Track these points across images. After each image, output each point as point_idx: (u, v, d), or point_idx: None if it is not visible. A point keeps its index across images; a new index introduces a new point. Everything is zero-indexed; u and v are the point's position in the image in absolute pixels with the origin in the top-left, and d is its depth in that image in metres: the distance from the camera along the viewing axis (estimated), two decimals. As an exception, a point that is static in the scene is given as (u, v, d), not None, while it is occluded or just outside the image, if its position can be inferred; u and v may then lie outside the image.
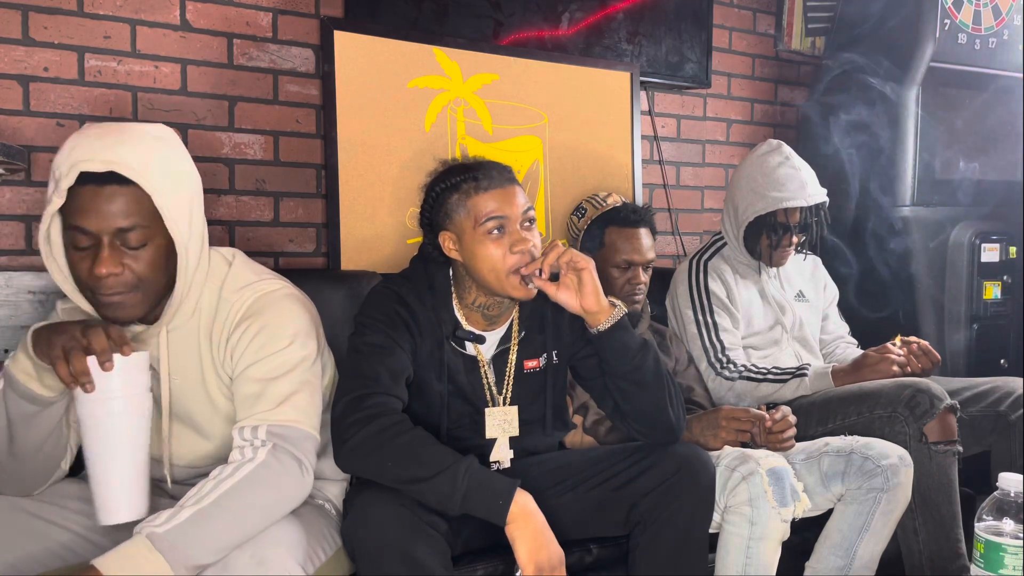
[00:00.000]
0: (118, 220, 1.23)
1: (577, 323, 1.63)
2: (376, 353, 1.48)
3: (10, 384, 1.27)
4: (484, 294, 1.56)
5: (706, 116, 2.93)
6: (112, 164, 1.21)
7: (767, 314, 2.25)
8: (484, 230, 1.49)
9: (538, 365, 1.65)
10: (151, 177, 1.24)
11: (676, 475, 1.48)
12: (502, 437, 1.62)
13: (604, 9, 2.54)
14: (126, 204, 1.23)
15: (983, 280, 2.76)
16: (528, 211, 1.52)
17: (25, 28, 1.87)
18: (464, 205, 1.51)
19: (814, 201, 2.15)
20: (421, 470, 1.34)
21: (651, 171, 2.80)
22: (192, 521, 1.16)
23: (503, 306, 1.59)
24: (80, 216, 1.22)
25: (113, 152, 1.22)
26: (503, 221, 1.49)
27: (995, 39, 2.75)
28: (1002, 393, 2.09)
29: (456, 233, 1.53)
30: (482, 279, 1.52)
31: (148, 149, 1.26)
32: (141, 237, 1.25)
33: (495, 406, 1.61)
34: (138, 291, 1.27)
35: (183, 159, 1.33)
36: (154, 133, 1.30)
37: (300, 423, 1.32)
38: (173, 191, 1.27)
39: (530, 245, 1.49)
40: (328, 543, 1.40)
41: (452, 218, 1.52)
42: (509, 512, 1.34)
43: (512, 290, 1.50)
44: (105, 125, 1.29)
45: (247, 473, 1.23)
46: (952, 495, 1.88)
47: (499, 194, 1.50)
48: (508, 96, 2.40)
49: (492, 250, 1.49)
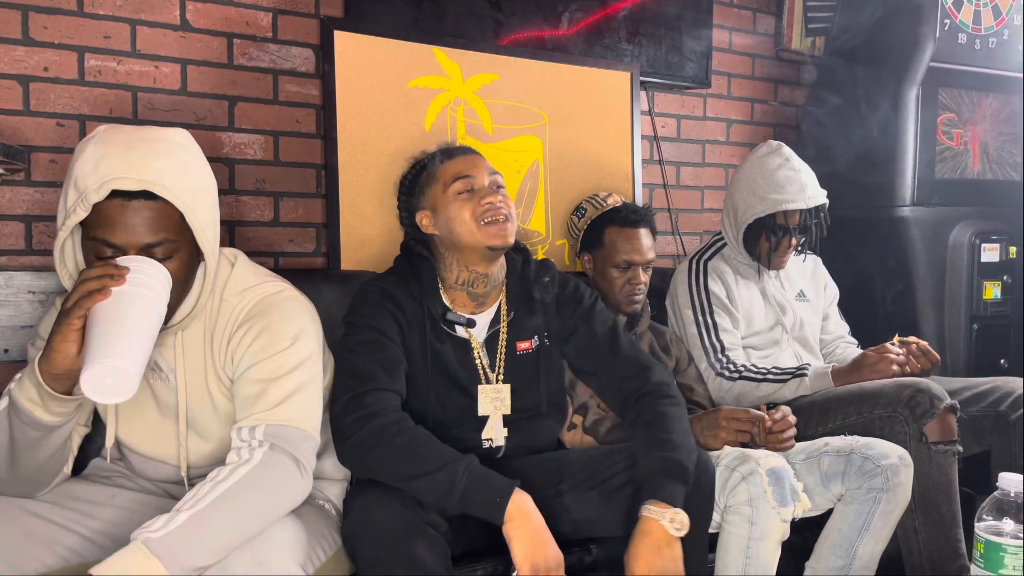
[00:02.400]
0: (146, 236, 1.22)
1: (564, 306, 1.67)
2: (368, 350, 1.49)
3: (14, 410, 1.25)
4: (466, 267, 1.59)
5: (706, 116, 2.93)
6: (147, 184, 1.19)
7: (768, 314, 2.25)
8: (453, 191, 1.57)
9: (530, 347, 1.66)
10: (184, 194, 1.23)
11: None
12: (494, 415, 1.62)
13: (604, 9, 2.54)
14: (155, 219, 1.22)
15: (983, 280, 2.76)
16: (495, 175, 1.60)
17: (25, 28, 1.86)
18: (433, 176, 1.61)
19: (814, 203, 2.15)
20: (420, 466, 1.35)
21: (651, 171, 2.80)
22: (189, 525, 1.16)
23: (488, 281, 1.61)
24: (106, 230, 1.21)
25: (148, 168, 1.20)
26: (471, 182, 1.57)
27: (995, 39, 2.75)
28: (1002, 393, 2.09)
29: (430, 208, 1.61)
30: (459, 240, 1.57)
31: (180, 163, 1.24)
32: (168, 251, 1.24)
33: (488, 383, 1.62)
34: None
35: (205, 165, 1.33)
36: (179, 141, 1.28)
37: (298, 423, 1.31)
38: (202, 204, 1.27)
39: (498, 200, 1.56)
40: (328, 543, 1.40)
41: (425, 194, 1.62)
42: (506, 511, 1.34)
43: (487, 239, 1.55)
44: (129, 131, 1.25)
45: (244, 474, 1.23)
46: (952, 495, 1.88)
47: (464, 159, 1.62)
48: (508, 96, 2.40)
49: (464, 209, 1.56)
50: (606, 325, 1.69)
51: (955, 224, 2.76)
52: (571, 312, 1.68)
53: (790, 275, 2.33)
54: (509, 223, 1.57)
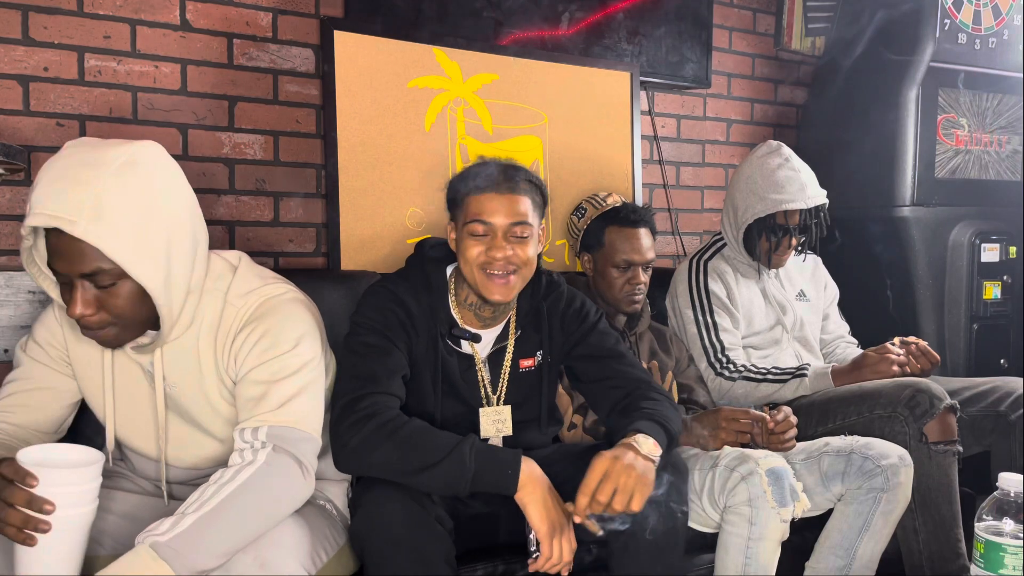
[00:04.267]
0: (81, 266, 1.19)
1: (569, 323, 1.65)
2: (372, 353, 1.48)
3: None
4: (473, 293, 1.57)
5: (706, 116, 2.93)
6: (56, 220, 1.15)
7: (768, 314, 2.25)
8: (468, 230, 1.52)
9: (533, 364, 1.66)
10: (101, 225, 1.16)
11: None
12: (495, 437, 1.63)
13: (604, 9, 2.54)
14: (86, 251, 1.18)
15: (983, 280, 2.77)
16: (518, 225, 1.51)
17: (25, 28, 1.86)
18: (462, 201, 1.54)
19: (814, 203, 2.15)
20: (428, 457, 1.35)
21: (651, 171, 2.80)
22: (195, 528, 1.16)
23: (495, 309, 1.60)
24: (51, 257, 1.22)
25: (60, 204, 1.15)
26: (487, 227, 1.51)
27: (995, 39, 2.75)
28: (1002, 393, 2.09)
29: (455, 225, 1.58)
30: (465, 272, 1.55)
31: (105, 191, 1.17)
32: (110, 278, 1.21)
33: (489, 405, 1.62)
34: (117, 325, 1.26)
35: (159, 187, 1.24)
36: (123, 161, 1.20)
37: (301, 425, 1.31)
38: (135, 234, 1.19)
39: (504, 256, 1.50)
40: (330, 544, 1.40)
41: (454, 211, 1.58)
42: (519, 481, 1.36)
43: (484, 289, 1.52)
44: (81, 153, 1.21)
45: (248, 477, 1.23)
46: (952, 495, 1.88)
47: (492, 199, 1.51)
48: (508, 96, 2.40)
49: (472, 250, 1.52)
50: (609, 341, 1.68)
51: (955, 224, 2.76)
52: (575, 328, 1.66)
53: (790, 275, 2.33)
54: (514, 277, 1.52)
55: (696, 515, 1.69)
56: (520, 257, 1.51)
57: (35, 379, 1.41)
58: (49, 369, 1.42)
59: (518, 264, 1.51)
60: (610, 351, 1.66)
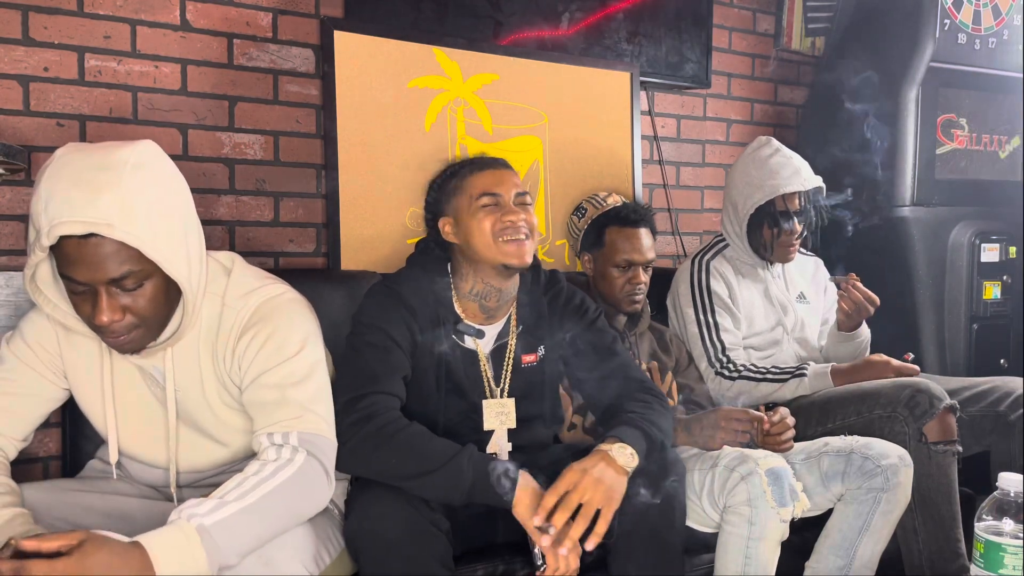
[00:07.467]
0: (109, 271, 1.17)
1: (568, 317, 1.66)
2: (373, 352, 1.49)
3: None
4: (481, 280, 1.58)
5: (706, 116, 2.93)
6: (92, 226, 1.13)
7: (769, 314, 2.25)
8: (478, 204, 1.56)
9: (535, 359, 1.66)
10: (136, 226, 1.15)
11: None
12: (499, 429, 1.63)
13: (604, 9, 2.54)
14: (114, 254, 1.16)
15: (983, 280, 2.77)
16: (522, 195, 1.59)
17: (25, 28, 1.86)
18: (461, 186, 1.60)
19: (811, 185, 2.16)
20: (425, 464, 1.35)
21: (651, 171, 2.80)
22: (237, 518, 1.16)
23: (501, 296, 1.61)
24: (70, 268, 1.18)
25: (92, 209, 1.13)
26: (496, 198, 1.57)
27: (995, 39, 2.75)
28: (1002, 393, 2.09)
29: (454, 216, 1.60)
30: (476, 253, 1.56)
31: (129, 192, 1.16)
32: (137, 280, 1.20)
33: (493, 398, 1.62)
34: (142, 327, 1.25)
35: (169, 184, 1.25)
36: (133, 162, 1.18)
37: (327, 433, 1.32)
38: (164, 231, 1.20)
39: (520, 218, 1.55)
40: (333, 545, 1.40)
41: (451, 201, 1.61)
42: (515, 496, 1.35)
43: (503, 256, 1.55)
44: (82, 157, 1.18)
45: (288, 476, 1.23)
46: (952, 495, 1.88)
47: (492, 173, 1.60)
48: (508, 96, 2.40)
49: (485, 222, 1.55)
50: (606, 339, 1.69)
51: (955, 224, 2.76)
52: (574, 323, 1.68)
53: (792, 276, 2.33)
54: (528, 242, 1.56)
55: (696, 515, 1.69)
56: (530, 222, 1.58)
57: (21, 383, 1.37)
58: (36, 374, 1.37)
59: (530, 228, 1.58)
60: (606, 348, 1.67)
